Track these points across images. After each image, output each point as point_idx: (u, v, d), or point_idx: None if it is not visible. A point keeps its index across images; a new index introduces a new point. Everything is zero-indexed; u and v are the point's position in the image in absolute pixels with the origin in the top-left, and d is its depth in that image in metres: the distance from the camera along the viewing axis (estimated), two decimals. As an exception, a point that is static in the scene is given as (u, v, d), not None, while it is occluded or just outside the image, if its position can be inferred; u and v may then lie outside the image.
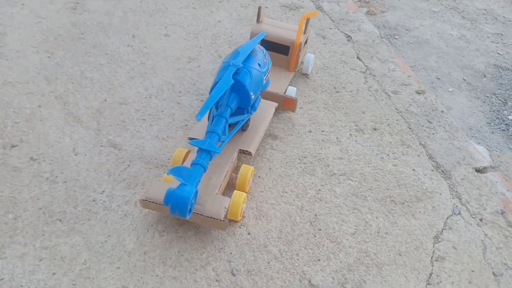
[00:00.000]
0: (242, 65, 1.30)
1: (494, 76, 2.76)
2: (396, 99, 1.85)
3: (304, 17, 1.68)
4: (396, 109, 1.80)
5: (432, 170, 1.53)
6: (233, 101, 1.31)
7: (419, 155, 1.59)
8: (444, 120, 1.77)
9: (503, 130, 2.33)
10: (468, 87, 2.65)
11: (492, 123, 2.37)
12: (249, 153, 1.38)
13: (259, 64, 1.38)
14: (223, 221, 1.16)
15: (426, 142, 1.65)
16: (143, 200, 1.19)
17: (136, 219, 1.26)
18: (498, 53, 3.03)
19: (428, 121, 1.76)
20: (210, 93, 1.34)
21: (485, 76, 2.76)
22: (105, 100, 1.67)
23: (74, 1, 2.19)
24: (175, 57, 1.94)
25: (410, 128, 1.71)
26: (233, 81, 1.25)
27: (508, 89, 2.65)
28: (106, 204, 1.30)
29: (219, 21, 2.23)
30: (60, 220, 1.24)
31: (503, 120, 2.40)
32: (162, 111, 1.65)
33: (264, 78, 1.41)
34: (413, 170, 1.52)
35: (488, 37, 3.22)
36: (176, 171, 1.12)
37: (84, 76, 1.77)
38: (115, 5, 2.24)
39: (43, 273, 1.11)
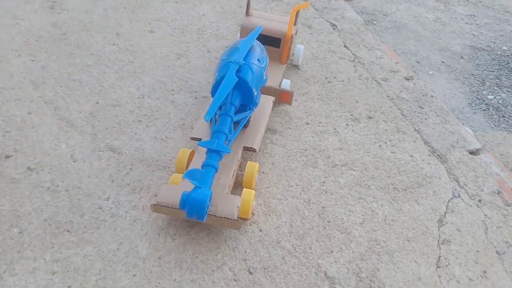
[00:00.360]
0: (243, 62, 1.29)
1: (471, 57, 2.84)
2: (386, 87, 1.88)
3: (295, 9, 1.68)
4: (388, 96, 1.82)
5: (429, 155, 1.57)
6: (236, 99, 1.30)
7: (414, 141, 1.62)
8: (435, 105, 1.81)
9: (484, 110, 2.41)
10: (447, 69, 2.71)
11: (473, 104, 2.44)
12: (254, 150, 1.38)
13: (258, 60, 1.37)
14: (237, 220, 1.16)
15: (420, 128, 1.69)
16: (154, 205, 1.18)
17: (146, 224, 1.25)
18: (473, 34, 3.11)
19: (419, 106, 1.80)
20: (212, 92, 1.33)
21: (462, 57, 2.83)
22: (97, 103, 1.63)
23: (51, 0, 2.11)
24: (163, 54, 1.90)
25: (403, 115, 1.74)
26: (237, 79, 1.24)
27: (485, 70, 2.73)
28: (113, 211, 1.27)
29: (203, 14, 2.19)
30: (68, 231, 1.21)
31: (483, 100, 2.47)
32: (157, 111, 1.63)
33: (264, 73, 1.40)
34: (411, 156, 1.56)
35: (462, 18, 3.30)
36: (190, 174, 1.11)
37: (72, 78, 1.72)
38: (94, 2, 2.18)
39: (57, 287, 1.09)
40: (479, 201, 1.43)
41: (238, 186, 1.36)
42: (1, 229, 1.19)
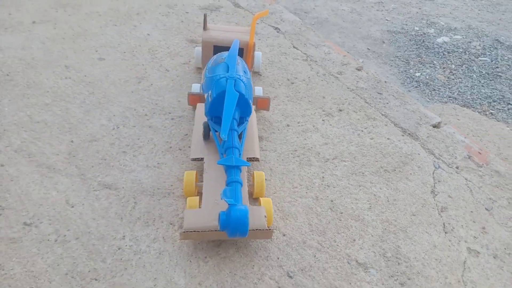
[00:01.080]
0: (238, 76, 1.31)
1: (391, 40, 3.10)
2: (343, 79, 2.00)
3: (256, 18, 1.72)
4: (348, 88, 1.95)
5: (402, 135, 1.71)
6: (236, 113, 1.32)
7: (386, 125, 1.76)
8: (390, 89, 1.97)
9: (416, 87, 2.65)
10: (374, 55, 2.93)
11: (405, 83, 2.67)
12: (256, 159, 1.40)
13: (244, 72, 1.40)
14: (269, 229, 1.18)
15: (386, 112, 1.83)
16: (184, 232, 1.16)
17: (173, 253, 1.22)
18: (386, 20, 3.39)
19: (378, 93, 1.95)
20: (210, 110, 1.33)
21: (383, 42, 3.08)
22: (72, 141, 1.54)
23: (-19, 40, 1.93)
24: (123, 80, 1.84)
25: (367, 103, 1.87)
26: (238, 93, 1.26)
27: (406, 50, 3.00)
28: (134, 248, 1.22)
29: (148, 34, 2.15)
30: (96, 279, 1.14)
31: (413, 78, 2.72)
32: (138, 139, 1.58)
33: (251, 83, 1.43)
34: (388, 139, 1.69)
35: (372, 6, 3.58)
36: (224, 194, 1.11)
37: (34, 120, 1.60)
38: (26, 37, 2.03)
39: (106, 338, 1.03)
40: (457, 167, 1.60)
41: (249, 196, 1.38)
42: (22, 294, 1.09)
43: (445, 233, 1.36)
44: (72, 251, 1.20)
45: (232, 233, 1.09)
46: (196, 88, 1.68)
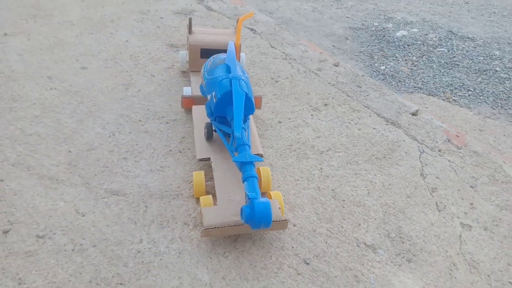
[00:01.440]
0: (240, 75, 1.36)
1: (354, 37, 3.24)
2: (323, 75, 2.09)
3: (241, 20, 1.77)
4: (329, 83, 2.04)
5: (387, 124, 1.82)
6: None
7: (370, 116, 1.86)
8: (368, 82, 2.08)
9: (382, 79, 2.79)
10: (339, 51, 3.05)
11: (373, 76, 2.81)
12: (261, 155, 1.45)
13: (242, 71, 1.45)
14: (285, 220, 1.24)
15: (367, 104, 1.93)
16: (205, 229, 1.19)
17: (193, 252, 1.25)
18: (347, 17, 3.53)
19: (357, 86, 2.05)
20: (214, 111, 1.37)
21: (347, 38, 3.21)
22: (70, 151, 1.53)
23: (-46, 54, 1.87)
24: (110, 88, 1.84)
25: (349, 96, 1.97)
26: (244, 93, 1.31)
27: (368, 45, 3.14)
28: (153, 250, 1.24)
29: (127, 41, 2.15)
30: (121, 284, 1.16)
31: (379, 72, 2.86)
32: (137, 144, 1.59)
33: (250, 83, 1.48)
34: (374, 128, 1.79)
35: (331, 5, 3.72)
36: (247, 189, 1.16)
37: (27, 133, 1.57)
38: (1, 49, 1.98)
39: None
40: (439, 151, 1.72)
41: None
42: (51, 305, 1.09)
43: (439, 211, 1.47)
44: (92, 258, 1.21)
45: (257, 225, 1.13)
46: (187, 91, 1.71)
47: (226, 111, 1.36)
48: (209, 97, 1.42)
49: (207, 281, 1.18)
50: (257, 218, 1.12)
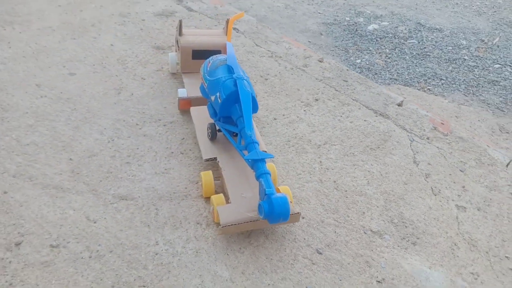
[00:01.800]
0: (242, 76, 1.39)
1: (328, 32, 3.31)
2: (310, 71, 2.14)
3: (232, 20, 1.80)
4: (316, 79, 2.10)
5: (376, 116, 1.90)
6: (245, 110, 1.40)
7: (359, 108, 1.93)
8: (354, 76, 2.15)
9: (359, 73, 2.87)
10: (315, 47, 3.12)
11: (350, 70, 2.89)
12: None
13: (243, 72, 1.48)
14: (298, 213, 1.29)
15: (356, 97, 2.00)
16: (223, 227, 1.22)
17: (209, 250, 1.28)
18: (319, 13, 3.61)
19: (343, 80, 2.12)
20: (220, 111, 1.40)
21: (321, 34, 3.28)
22: (71, 159, 1.52)
23: None
24: (101, 93, 1.82)
25: (337, 91, 2.03)
26: (250, 92, 1.34)
27: (343, 40, 3.23)
28: (171, 251, 1.26)
29: (112, 45, 2.13)
30: (144, 286, 1.17)
31: (355, 65, 2.94)
32: (138, 148, 1.59)
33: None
34: (365, 120, 1.86)
35: (303, 1, 3.78)
36: (265, 184, 1.19)
37: (23, 143, 1.55)
38: (-17, 58, 1.92)
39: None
40: (427, 138, 1.81)
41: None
42: (78, 312, 1.09)
43: (435, 195, 1.55)
44: (111, 264, 1.21)
45: (276, 219, 1.17)
46: (183, 92, 1.72)
47: (231, 111, 1.39)
48: (212, 98, 1.44)
49: (227, 277, 1.21)
50: (276, 213, 1.16)
